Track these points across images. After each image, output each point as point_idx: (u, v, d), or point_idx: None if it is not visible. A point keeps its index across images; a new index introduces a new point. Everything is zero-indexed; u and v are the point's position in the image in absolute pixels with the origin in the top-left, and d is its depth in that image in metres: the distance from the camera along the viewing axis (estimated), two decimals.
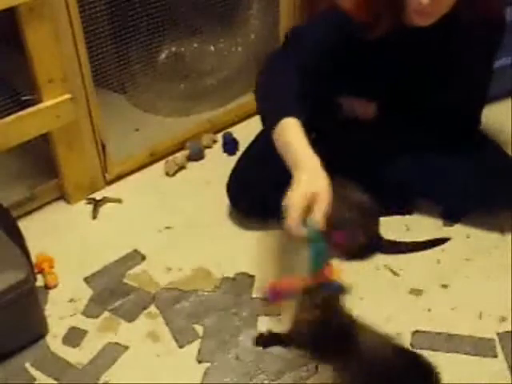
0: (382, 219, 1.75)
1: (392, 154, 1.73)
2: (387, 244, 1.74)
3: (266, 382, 1.45)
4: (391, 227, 1.77)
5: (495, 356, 1.49)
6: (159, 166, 2.06)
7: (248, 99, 2.26)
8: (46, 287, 1.67)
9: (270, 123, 1.38)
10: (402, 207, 1.85)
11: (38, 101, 1.70)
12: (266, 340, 1.49)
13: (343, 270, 1.22)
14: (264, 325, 1.55)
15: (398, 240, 1.76)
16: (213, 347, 1.53)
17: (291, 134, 1.33)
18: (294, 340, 1.29)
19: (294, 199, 1.20)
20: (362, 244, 1.70)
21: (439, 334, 1.53)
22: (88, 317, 1.61)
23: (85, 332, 1.57)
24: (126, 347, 1.53)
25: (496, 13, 1.58)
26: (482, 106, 1.77)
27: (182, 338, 1.55)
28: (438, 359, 1.47)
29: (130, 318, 1.60)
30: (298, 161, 1.29)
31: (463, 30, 1.52)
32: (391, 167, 1.74)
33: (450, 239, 1.76)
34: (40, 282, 1.67)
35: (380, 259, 1.73)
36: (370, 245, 1.72)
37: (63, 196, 1.93)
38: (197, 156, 2.09)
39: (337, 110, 1.74)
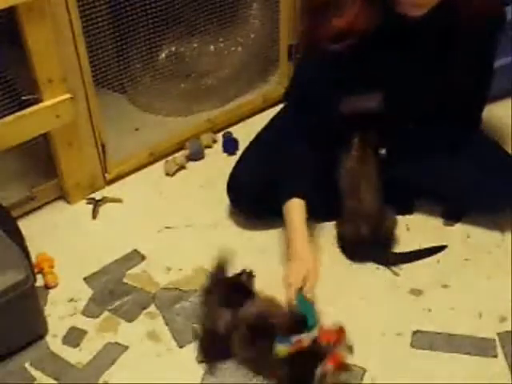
0: None
1: (392, 154, 1.73)
2: (392, 256, 1.72)
3: (266, 382, 1.45)
4: None
5: (495, 356, 1.48)
6: (159, 166, 2.06)
7: (248, 99, 2.26)
8: (46, 287, 1.67)
9: (282, 196, 1.62)
10: (403, 207, 1.85)
11: (38, 100, 1.70)
12: None
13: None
14: None
15: (402, 252, 1.73)
16: None
17: (294, 218, 1.60)
18: None
19: (290, 281, 1.51)
20: (363, 236, 1.67)
21: (439, 334, 1.53)
22: (88, 317, 1.60)
23: (84, 332, 1.57)
24: (126, 347, 1.53)
25: (495, 7, 1.58)
26: (483, 106, 1.76)
27: (181, 338, 1.55)
28: (438, 359, 1.47)
29: (130, 317, 1.60)
30: (294, 250, 1.58)
31: (462, 25, 1.53)
32: (392, 167, 1.73)
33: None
34: (40, 281, 1.67)
35: None
36: (374, 241, 1.69)
37: (63, 196, 1.93)
38: (197, 156, 2.08)
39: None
